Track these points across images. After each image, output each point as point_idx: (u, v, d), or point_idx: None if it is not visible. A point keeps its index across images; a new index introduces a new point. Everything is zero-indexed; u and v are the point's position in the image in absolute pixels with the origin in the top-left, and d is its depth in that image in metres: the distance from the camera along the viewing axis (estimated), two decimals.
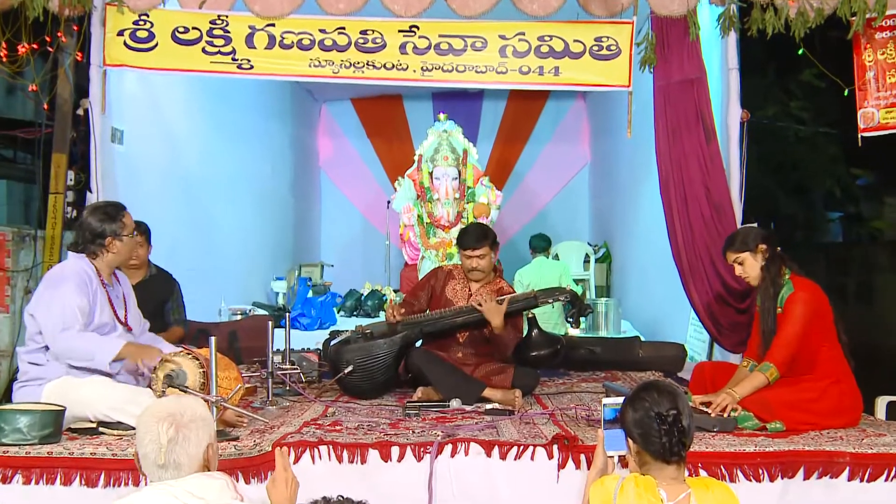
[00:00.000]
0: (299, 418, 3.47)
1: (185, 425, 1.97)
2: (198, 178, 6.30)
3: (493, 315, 3.92)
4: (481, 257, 4.10)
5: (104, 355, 3.11)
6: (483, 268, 4.12)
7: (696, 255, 4.57)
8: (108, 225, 3.26)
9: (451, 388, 3.83)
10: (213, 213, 6.56)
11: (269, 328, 3.83)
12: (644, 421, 2.14)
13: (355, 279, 8.48)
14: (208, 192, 6.47)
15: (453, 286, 4.23)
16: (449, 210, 7.43)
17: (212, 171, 6.54)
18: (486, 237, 4.11)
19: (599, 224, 9.34)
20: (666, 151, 4.64)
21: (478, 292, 4.19)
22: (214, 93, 6.49)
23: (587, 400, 3.95)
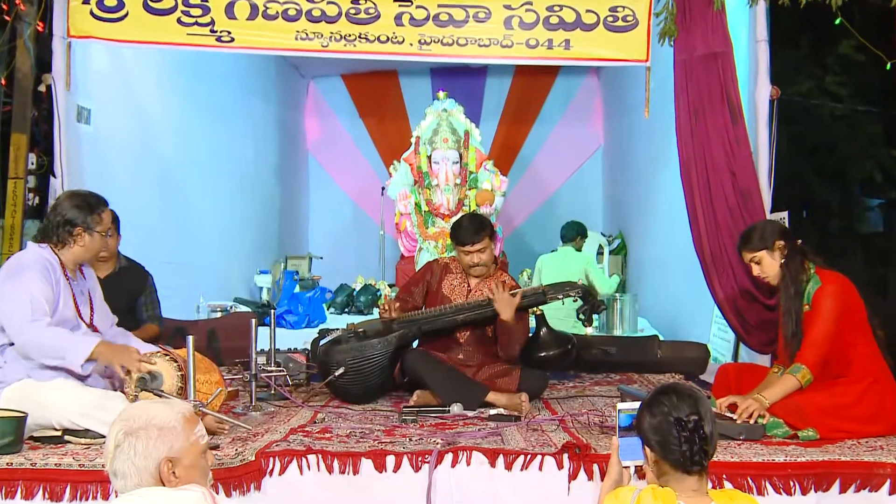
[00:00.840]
0: (285, 425, 3.47)
1: (134, 432, 1.94)
2: (173, 162, 6.29)
3: (505, 307, 3.91)
4: (482, 251, 4.09)
5: (77, 354, 3.07)
6: (485, 262, 4.12)
7: (720, 246, 4.56)
8: (82, 214, 3.24)
9: (452, 391, 3.83)
10: (189, 200, 6.55)
11: (251, 326, 3.83)
12: (662, 427, 2.13)
13: (347, 273, 8.48)
14: (185, 177, 6.46)
15: (450, 281, 4.22)
16: (449, 197, 7.43)
17: (188, 155, 6.53)
18: (483, 228, 4.07)
19: (614, 212, 9.34)
20: (687, 133, 4.63)
21: (478, 287, 4.19)
22: (191, 68, 6.47)
23: (600, 405, 3.95)
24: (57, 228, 3.22)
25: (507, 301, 3.92)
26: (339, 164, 9.97)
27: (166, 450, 1.95)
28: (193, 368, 3.07)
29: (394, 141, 9.29)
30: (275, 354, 4.19)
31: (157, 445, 1.94)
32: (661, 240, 7.07)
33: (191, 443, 1.99)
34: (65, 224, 3.22)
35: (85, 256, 3.31)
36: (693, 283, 5.31)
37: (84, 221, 3.24)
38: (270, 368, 4.09)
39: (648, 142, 7.47)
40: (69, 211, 3.23)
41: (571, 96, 9.92)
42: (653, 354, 5.04)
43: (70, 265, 3.26)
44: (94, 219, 3.26)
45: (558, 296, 4.13)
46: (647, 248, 7.76)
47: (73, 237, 3.24)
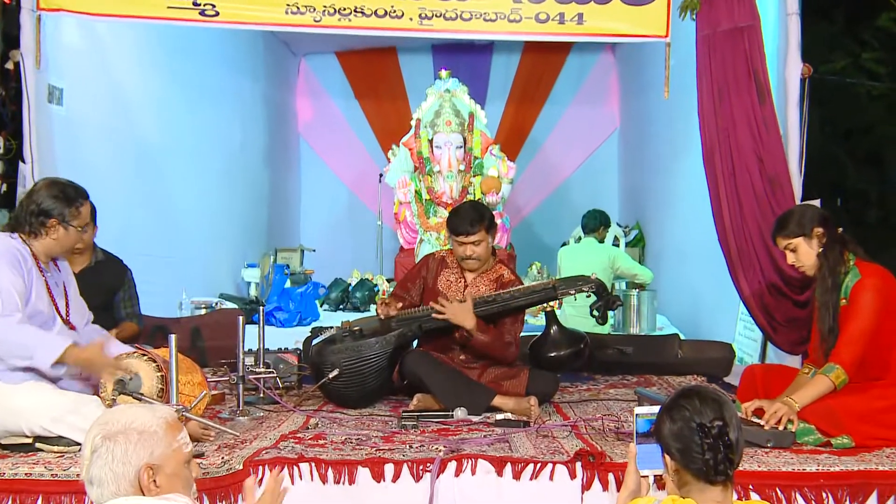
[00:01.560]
0: (276, 431, 3.47)
1: (112, 436, 1.94)
2: (153, 147, 6.28)
3: (461, 317, 3.90)
4: (476, 244, 4.06)
5: (46, 355, 3.07)
6: (479, 256, 4.09)
7: (746, 237, 4.55)
8: (59, 206, 3.23)
9: (455, 395, 3.83)
10: (171, 188, 6.55)
11: (239, 324, 3.83)
12: (684, 434, 2.13)
13: (341, 266, 8.48)
14: (166, 163, 6.46)
15: (446, 276, 4.21)
16: (452, 185, 7.42)
17: (170, 139, 6.53)
18: (481, 219, 4.04)
19: (631, 201, 9.32)
20: (710, 115, 4.61)
21: (474, 283, 4.18)
22: (172, 45, 6.46)
23: (616, 409, 3.95)
24: (29, 217, 3.21)
25: (459, 310, 3.91)
26: (334, 149, 9.96)
27: (147, 455, 1.95)
28: (176, 370, 3.07)
29: (392, 124, 9.27)
30: (264, 355, 4.19)
31: (138, 451, 1.94)
32: (682, 231, 7.06)
33: (173, 450, 1.99)
34: (39, 214, 3.21)
35: (56, 250, 3.30)
36: (716, 278, 5.29)
37: (60, 214, 3.23)
38: (259, 370, 4.09)
39: (668, 124, 7.45)
40: (45, 201, 3.23)
41: (585, 75, 9.90)
42: (673, 355, 5.04)
43: (42, 256, 3.25)
44: (72, 212, 3.25)
45: (570, 291, 4.12)
46: (666, 239, 7.75)
47: (45, 228, 3.23)
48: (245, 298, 7.24)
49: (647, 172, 8.51)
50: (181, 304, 6.30)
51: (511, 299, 4.01)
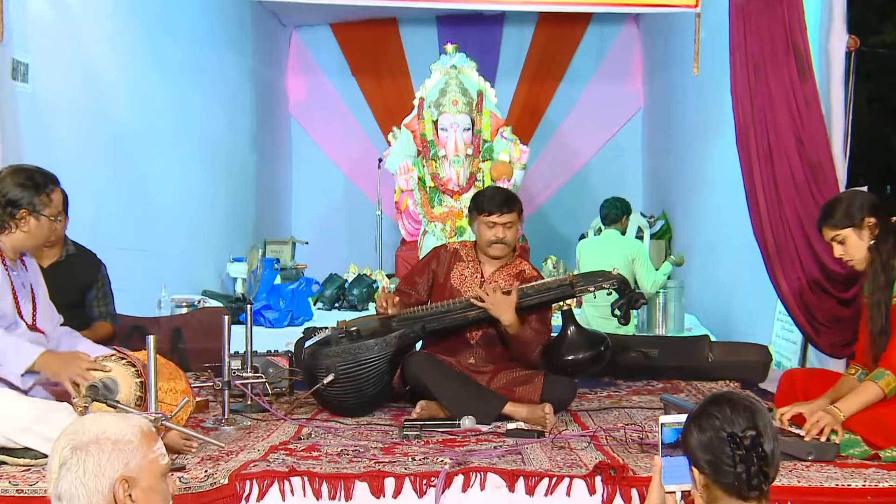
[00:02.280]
0: (265, 442, 3.48)
1: (83, 447, 1.94)
2: (129, 129, 6.29)
3: (501, 309, 3.93)
4: (508, 226, 4.12)
5: (16, 363, 3.08)
6: (509, 241, 4.15)
7: (784, 228, 4.54)
8: (28, 194, 3.22)
9: (462, 402, 3.84)
10: (149, 174, 6.56)
11: (224, 324, 3.84)
12: (714, 445, 2.13)
13: (337, 261, 8.49)
14: (142, 146, 6.46)
15: (461, 270, 4.23)
16: (459, 171, 7.42)
17: (147, 120, 6.53)
18: (515, 201, 4.15)
19: (656, 188, 9.31)
20: (745, 92, 4.60)
21: (493, 277, 4.19)
22: (149, 16, 6.46)
23: (640, 418, 3.95)
24: None
25: (502, 303, 3.93)
26: (328, 131, 9.96)
27: (121, 467, 1.95)
28: (155, 374, 3.08)
29: (393, 103, 9.27)
30: (251, 358, 4.20)
31: (111, 462, 1.94)
32: (713, 221, 7.05)
33: (149, 461, 2.00)
34: (6, 205, 3.21)
35: (28, 244, 3.30)
36: (752, 274, 5.29)
37: (30, 203, 3.23)
38: (246, 374, 4.10)
39: (698, 104, 7.43)
40: (12, 190, 3.23)
41: (605, 49, 9.88)
42: (703, 358, 5.04)
43: (9, 253, 3.26)
44: (42, 200, 3.25)
45: (589, 288, 4.13)
46: (695, 231, 7.74)
47: (15, 221, 3.23)
48: (231, 296, 7.25)
49: (674, 157, 8.49)
50: (160, 302, 6.31)
51: (524, 297, 4.02)
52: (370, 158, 8.94)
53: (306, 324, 6.45)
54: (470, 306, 4.05)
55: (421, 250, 7.42)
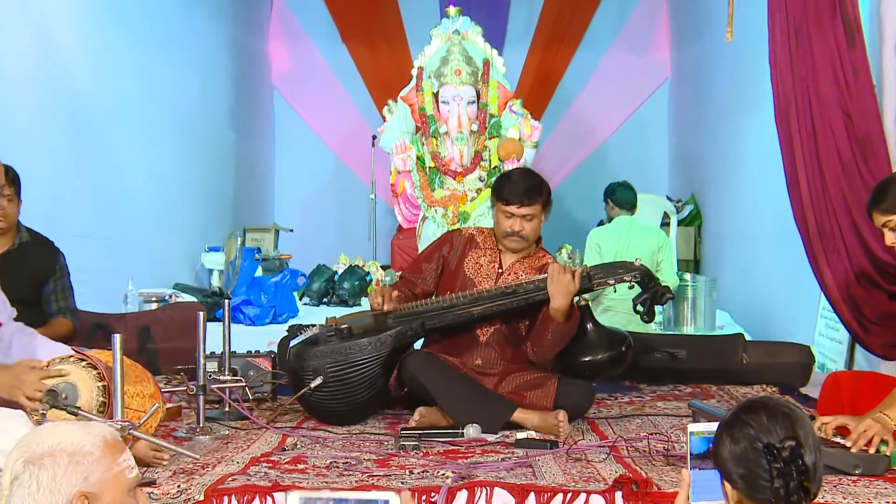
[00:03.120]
0: (244, 453, 3.48)
1: (37, 460, 1.93)
2: (91, 103, 6.28)
3: (561, 291, 3.92)
4: (528, 218, 4.12)
5: None
6: (528, 235, 4.15)
7: (829, 213, 4.53)
8: None
9: (466, 408, 3.85)
10: (114, 153, 6.55)
11: (199, 322, 3.83)
12: (748, 456, 2.13)
13: (325, 250, 8.50)
14: (107, 122, 6.46)
15: (476, 258, 4.24)
16: (462, 149, 7.42)
17: (112, 93, 6.52)
18: (540, 191, 4.13)
19: (684, 169, 9.30)
20: (785, 60, 4.58)
21: (512, 269, 4.20)
22: None
23: (665, 426, 3.95)
24: None
25: (566, 283, 3.92)
26: (316, 105, 9.95)
27: (80, 482, 1.94)
28: (121, 378, 3.08)
29: (388, 74, 9.27)
30: (229, 359, 4.20)
31: (68, 476, 1.94)
32: (749, 206, 7.04)
33: (113, 475, 1.99)
34: None
35: None
36: (792, 264, 5.28)
37: None
38: (224, 378, 4.09)
39: (732, 73, 7.42)
40: None
41: (628, 13, 9.86)
42: (736, 359, 5.04)
43: None
44: None
45: (608, 280, 4.12)
46: (728, 216, 7.74)
47: None
48: (206, 290, 7.26)
49: (704, 133, 8.48)
50: (126, 296, 6.32)
51: (536, 291, 4.01)
52: (363, 135, 8.94)
53: (291, 321, 6.46)
54: (475, 301, 4.05)
55: (420, 238, 7.43)
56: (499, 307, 4.05)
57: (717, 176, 8.07)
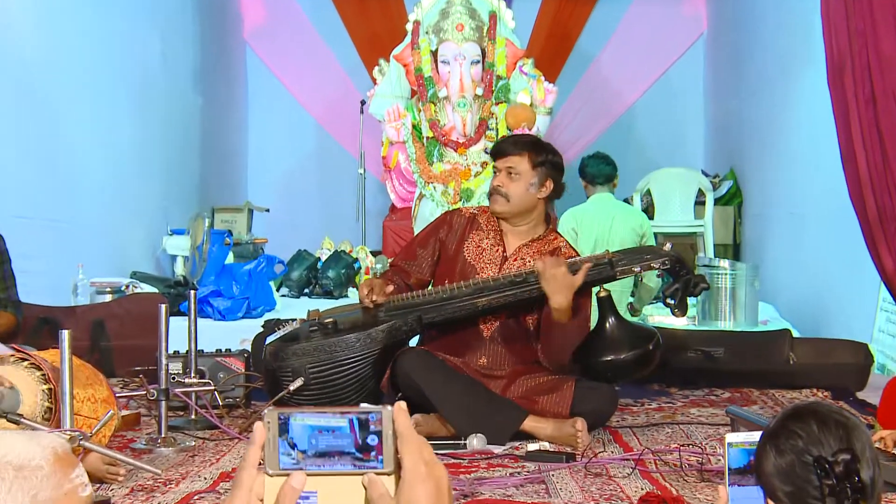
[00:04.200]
0: (214, 467, 3.49)
1: None
2: (34, 64, 6.26)
3: (558, 287, 3.91)
4: (513, 174, 4.16)
5: None
6: (511, 194, 4.16)
7: (890, 191, 4.53)
8: None
9: (470, 415, 3.86)
10: (61, 123, 6.54)
11: (160, 316, 3.83)
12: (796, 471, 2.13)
13: (307, 233, 8.50)
14: (54, 86, 6.44)
15: (477, 241, 4.25)
16: (465, 116, 7.40)
17: (60, 55, 6.50)
18: (532, 144, 4.20)
19: (722, 139, 9.29)
20: (840, 15, 4.57)
21: (518, 253, 4.21)
22: None
23: (699, 436, 3.96)
24: None
25: (561, 278, 3.91)
26: (295, 65, 9.94)
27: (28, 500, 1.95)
28: (70, 380, 3.08)
29: (379, 29, 9.25)
30: (196, 359, 4.20)
31: (14, 494, 1.94)
32: (798, 182, 7.03)
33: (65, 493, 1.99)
34: None
35: None
36: (847, 250, 5.28)
37: None
38: (190, 381, 4.10)
39: (778, 30, 7.40)
40: None
41: None
42: (782, 359, 5.05)
43: None
44: None
45: (633, 268, 4.12)
46: (773, 195, 7.73)
47: None
48: (169, 279, 7.25)
49: (745, 99, 8.47)
50: (76, 286, 6.31)
51: None
52: (350, 101, 8.92)
53: (267, 315, 6.45)
54: (479, 291, 4.05)
55: (416, 220, 7.42)
56: (506, 298, 4.05)
57: (759, 148, 8.05)
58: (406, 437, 1.11)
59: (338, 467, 1.09)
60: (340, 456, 1.09)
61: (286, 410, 1.09)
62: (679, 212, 8.16)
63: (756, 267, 6.68)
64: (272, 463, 1.09)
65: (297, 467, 1.08)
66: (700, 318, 6.47)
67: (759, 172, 8.15)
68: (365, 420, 1.09)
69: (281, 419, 1.08)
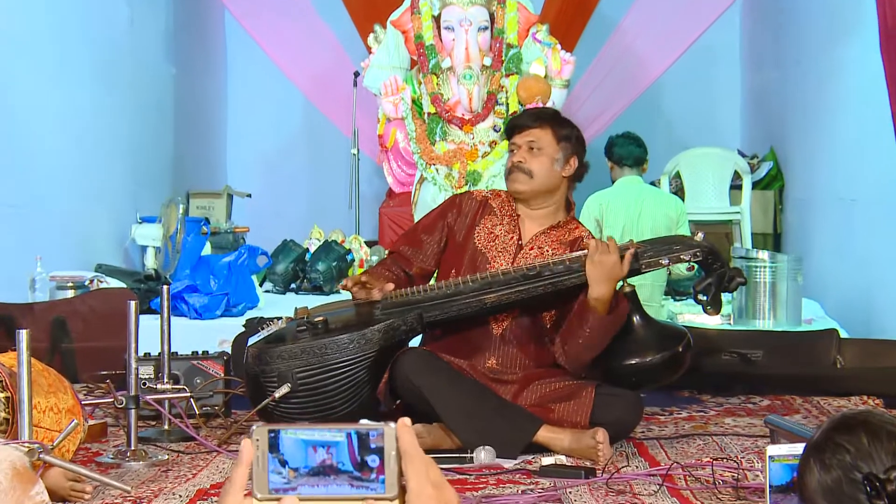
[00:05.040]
0: (190, 483, 3.49)
1: None
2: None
3: (603, 276, 3.91)
4: (531, 148, 4.17)
5: None
6: (532, 170, 4.16)
7: None
8: None
9: (477, 425, 3.86)
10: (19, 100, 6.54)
11: (129, 314, 3.84)
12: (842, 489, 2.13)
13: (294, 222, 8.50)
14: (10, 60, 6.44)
15: (490, 227, 4.26)
16: (471, 89, 7.39)
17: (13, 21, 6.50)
18: (554, 116, 4.22)
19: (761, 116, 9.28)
20: None
21: (535, 241, 4.21)
22: None
23: (735, 449, 3.96)
24: None
25: (610, 267, 3.92)
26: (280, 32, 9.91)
27: None
28: (29, 387, 3.08)
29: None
30: (170, 362, 4.20)
31: None
32: (845, 163, 7.03)
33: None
34: None
35: None
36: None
37: None
38: (163, 387, 4.10)
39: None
40: None
41: None
42: (828, 362, 5.05)
43: None
44: None
45: (661, 260, 4.11)
46: (818, 177, 7.72)
47: None
48: (138, 273, 7.26)
49: (788, 68, 8.46)
50: (34, 281, 6.32)
51: (565, 274, 4.01)
52: (342, 72, 8.90)
53: (249, 313, 6.46)
54: (488, 285, 4.04)
55: (416, 206, 7.42)
56: (518, 295, 4.05)
57: (803, 124, 8.05)
58: (411, 457, 1.11)
59: (334, 488, 1.08)
60: (337, 475, 1.08)
61: (276, 425, 1.08)
62: (712, 197, 8.15)
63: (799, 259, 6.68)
64: (261, 485, 1.08)
65: (288, 487, 1.07)
66: (736, 317, 6.48)
67: (802, 152, 8.14)
68: (365, 436, 1.08)
69: (271, 434, 1.08)
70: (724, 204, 8.19)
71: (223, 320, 6.48)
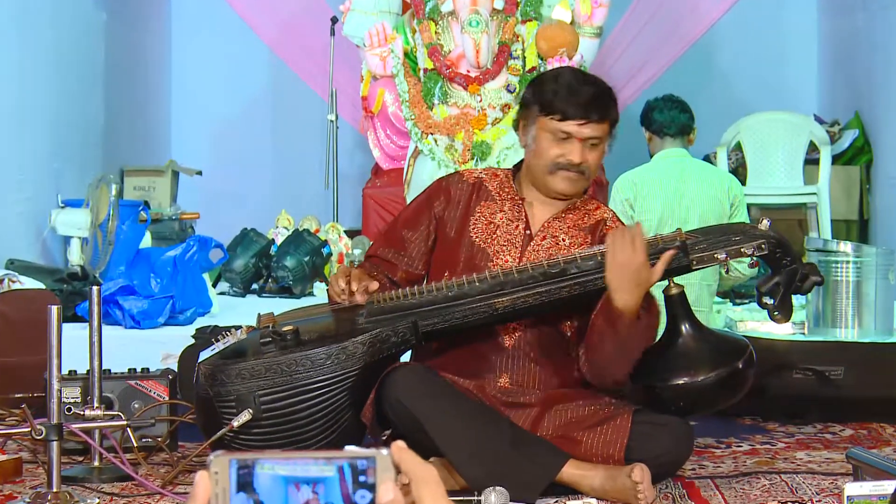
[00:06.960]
0: None
1: None
2: None
3: (625, 281, 3.87)
4: (593, 143, 4.13)
5: None
6: (590, 169, 4.15)
7: None
8: None
9: (487, 461, 3.87)
10: None
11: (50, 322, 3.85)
12: None
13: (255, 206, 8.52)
14: None
15: (489, 215, 4.26)
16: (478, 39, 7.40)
17: None
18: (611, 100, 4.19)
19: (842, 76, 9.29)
20: None
21: (547, 229, 4.23)
22: None
23: (810, 490, 3.98)
24: None
25: (635, 270, 3.89)
26: None
27: None
28: None
29: None
30: (101, 382, 4.22)
31: None
32: None
33: None
34: None
35: None
36: None
37: None
38: (92, 413, 4.12)
39: None
40: None
41: None
42: None
43: None
44: None
45: (717, 254, 4.12)
46: None
47: None
48: (60, 270, 7.28)
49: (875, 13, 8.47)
50: None
51: (595, 271, 4.01)
52: (316, 19, 8.92)
53: (200, 320, 6.48)
54: (499, 287, 4.05)
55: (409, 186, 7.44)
56: (538, 298, 4.04)
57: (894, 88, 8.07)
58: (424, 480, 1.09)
59: None
60: None
61: (246, 456, 1.05)
62: (782, 175, 8.17)
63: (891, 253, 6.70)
64: None
65: None
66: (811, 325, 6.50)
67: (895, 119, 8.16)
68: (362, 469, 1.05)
69: (241, 469, 1.04)
70: (797, 183, 8.18)
71: (167, 330, 6.49)
